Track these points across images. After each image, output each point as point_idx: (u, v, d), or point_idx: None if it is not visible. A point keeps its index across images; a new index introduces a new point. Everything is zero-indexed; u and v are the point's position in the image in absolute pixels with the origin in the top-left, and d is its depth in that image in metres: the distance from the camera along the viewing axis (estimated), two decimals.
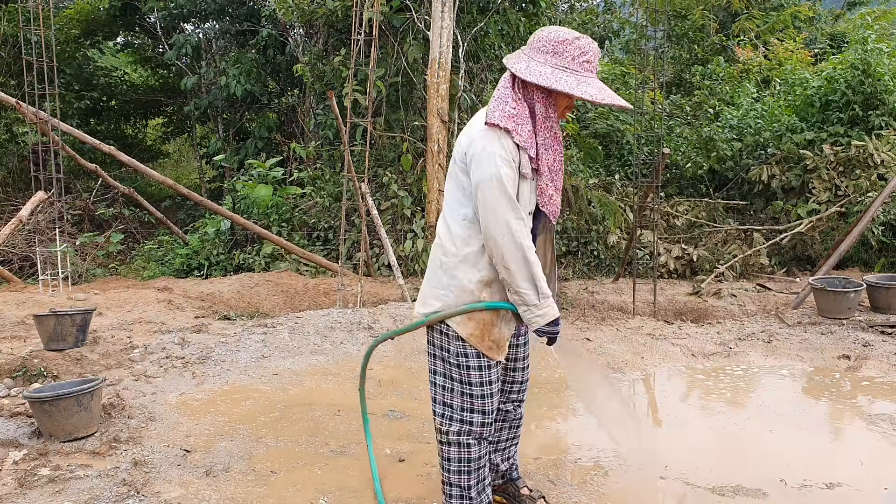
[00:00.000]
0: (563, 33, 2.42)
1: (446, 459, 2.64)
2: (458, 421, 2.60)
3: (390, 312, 6.03)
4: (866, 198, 8.17)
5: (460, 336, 2.54)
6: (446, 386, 2.62)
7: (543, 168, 2.48)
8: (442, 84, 8.22)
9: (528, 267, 2.38)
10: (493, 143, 2.39)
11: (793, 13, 12.78)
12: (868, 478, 3.45)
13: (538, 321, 2.43)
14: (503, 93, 2.47)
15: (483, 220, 2.40)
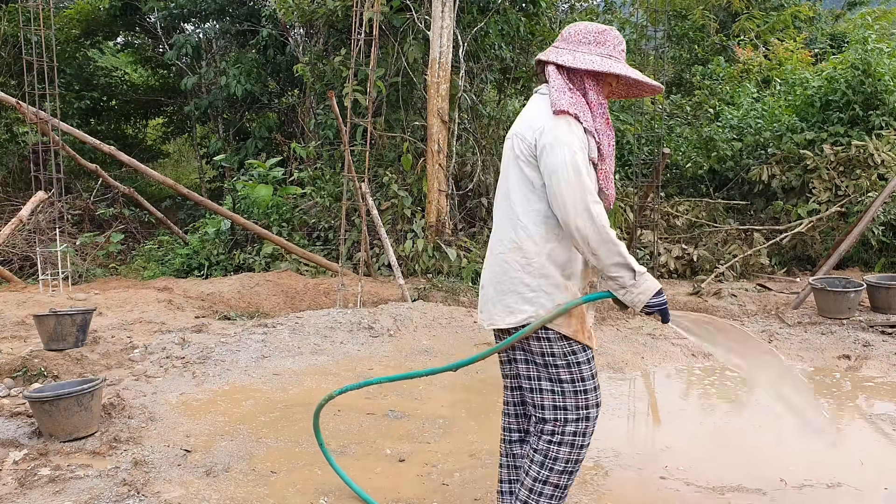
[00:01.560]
0: (599, 25, 2.51)
1: (552, 459, 2.50)
2: (575, 420, 2.49)
3: (390, 312, 6.03)
4: (866, 198, 8.17)
5: (564, 335, 2.45)
6: (556, 390, 2.50)
7: (605, 152, 2.49)
8: (442, 84, 8.22)
9: (615, 248, 2.30)
10: (565, 130, 2.37)
11: (793, 13, 12.77)
12: (868, 478, 3.45)
13: (641, 299, 2.32)
14: (559, 83, 2.46)
15: (561, 209, 2.33)
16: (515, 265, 2.48)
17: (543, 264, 2.44)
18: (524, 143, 2.45)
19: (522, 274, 2.47)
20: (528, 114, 2.53)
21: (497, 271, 2.53)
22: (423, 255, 8.13)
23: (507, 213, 2.53)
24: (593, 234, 2.29)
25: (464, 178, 9.11)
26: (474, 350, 5.40)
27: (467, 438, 3.85)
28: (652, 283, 2.33)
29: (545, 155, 2.37)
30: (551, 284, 2.44)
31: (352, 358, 5.18)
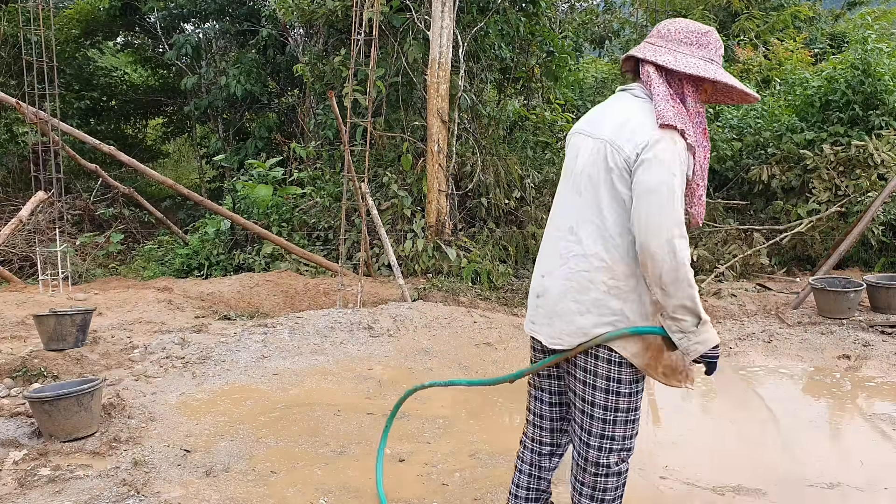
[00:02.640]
0: (701, 25, 2.29)
1: (601, 491, 2.39)
2: (619, 450, 2.35)
3: (390, 312, 6.03)
4: (866, 198, 8.17)
5: (633, 364, 2.27)
6: (608, 418, 2.32)
7: (697, 166, 2.27)
8: (442, 84, 8.22)
9: (687, 289, 2.12)
10: (670, 148, 2.15)
11: (793, 13, 12.78)
12: (868, 478, 3.45)
13: (697, 349, 2.16)
14: (664, 90, 2.23)
15: (642, 232, 2.13)
16: (601, 286, 2.25)
17: (633, 289, 2.24)
18: (621, 155, 2.21)
19: (608, 297, 2.25)
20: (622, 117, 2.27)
21: (575, 289, 2.29)
22: (423, 255, 8.13)
23: (597, 228, 2.27)
24: (669, 269, 2.11)
25: (464, 178, 9.11)
26: (474, 350, 5.40)
27: (467, 438, 3.85)
28: (713, 334, 2.18)
29: (642, 170, 2.16)
30: (637, 312, 2.25)
31: (352, 358, 5.18)
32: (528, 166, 9.50)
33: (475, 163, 9.04)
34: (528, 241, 8.85)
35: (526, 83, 10.49)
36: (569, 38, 11.58)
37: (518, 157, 9.50)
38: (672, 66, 2.22)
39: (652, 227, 2.11)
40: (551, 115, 10.20)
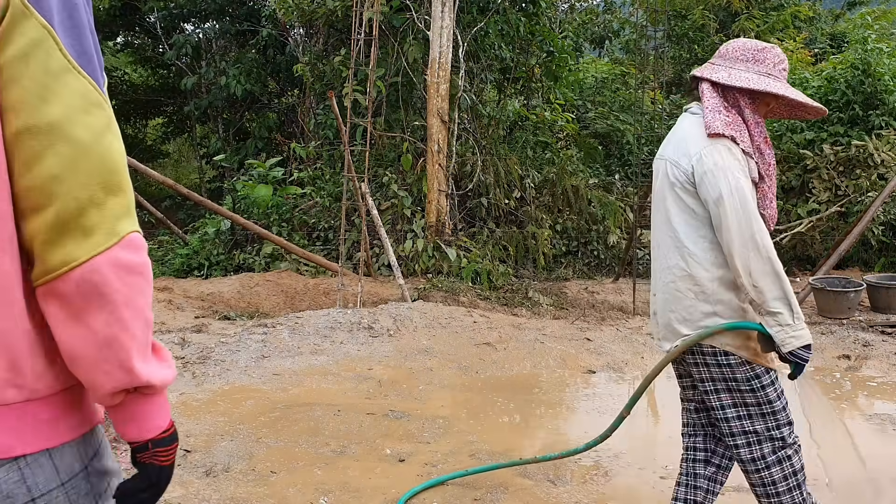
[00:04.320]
0: (759, 43, 2.44)
1: (771, 484, 2.45)
2: (769, 439, 2.43)
3: (390, 312, 6.03)
4: (866, 198, 8.17)
5: (746, 360, 2.38)
6: (742, 414, 2.42)
7: (765, 172, 2.40)
8: (442, 84, 8.22)
9: (779, 282, 2.23)
10: (724, 155, 2.28)
11: (793, 13, 12.78)
12: (868, 478, 3.45)
13: (792, 342, 2.26)
14: (714, 103, 2.38)
15: (726, 239, 2.24)
16: (689, 293, 2.39)
17: (717, 290, 2.36)
18: (679, 169, 2.36)
19: (697, 301, 2.38)
20: (679, 135, 2.45)
21: (669, 299, 2.45)
22: (423, 255, 8.13)
23: (671, 240, 2.42)
24: (756, 265, 2.22)
25: (464, 178, 9.12)
26: (474, 350, 5.40)
27: (467, 438, 3.85)
28: (807, 332, 2.27)
29: (706, 183, 2.28)
30: (729, 309, 2.36)
31: (352, 358, 5.18)
32: (528, 166, 9.50)
33: (475, 163, 9.04)
34: (528, 241, 8.85)
35: (526, 83, 10.49)
36: (569, 38, 11.57)
37: (518, 157, 9.50)
38: (724, 81, 2.37)
39: (732, 231, 2.22)
40: (551, 115, 10.21)
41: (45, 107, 0.93)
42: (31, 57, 0.92)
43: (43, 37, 0.93)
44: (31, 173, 0.93)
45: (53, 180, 0.93)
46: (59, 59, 0.94)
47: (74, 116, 0.95)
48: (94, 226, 0.95)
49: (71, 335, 0.98)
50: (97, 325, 0.97)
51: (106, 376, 1.00)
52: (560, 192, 9.21)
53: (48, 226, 0.94)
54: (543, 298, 7.38)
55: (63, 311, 0.97)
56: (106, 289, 0.97)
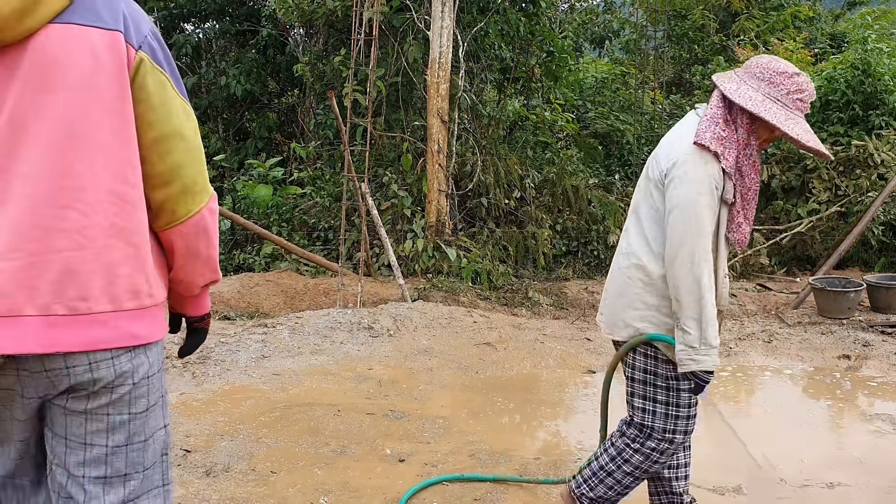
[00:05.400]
0: (784, 65, 2.37)
1: (623, 461, 2.57)
2: (658, 439, 2.52)
3: (390, 312, 6.03)
4: (866, 198, 8.17)
5: (671, 360, 2.45)
6: (647, 408, 2.53)
7: (742, 197, 2.39)
8: (442, 84, 8.22)
9: (699, 307, 2.28)
10: (699, 167, 2.30)
11: (793, 13, 12.78)
12: (868, 478, 3.45)
13: (689, 364, 2.32)
14: (715, 112, 2.38)
15: (668, 244, 2.33)
16: (638, 282, 2.46)
17: (664, 287, 2.41)
18: (658, 168, 2.42)
19: (643, 292, 2.45)
20: (675, 134, 2.47)
21: (620, 285, 2.53)
22: (423, 255, 8.12)
23: (636, 228, 2.50)
24: (685, 282, 2.28)
25: (464, 178, 9.11)
26: (474, 350, 5.40)
27: (467, 438, 3.85)
28: (711, 361, 2.32)
29: (672, 187, 2.33)
30: (669, 306, 2.42)
31: (352, 358, 5.18)
32: (528, 166, 9.50)
33: (475, 163, 9.04)
34: (528, 241, 8.85)
35: (526, 83, 10.49)
36: (569, 38, 11.57)
37: (518, 157, 9.50)
38: (727, 93, 2.35)
39: (675, 240, 2.30)
40: (551, 115, 10.20)
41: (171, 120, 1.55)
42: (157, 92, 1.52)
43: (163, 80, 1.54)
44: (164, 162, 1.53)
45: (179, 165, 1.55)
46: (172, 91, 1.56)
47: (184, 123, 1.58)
48: (200, 190, 1.59)
49: (186, 255, 1.62)
50: (202, 247, 1.64)
51: (202, 277, 1.69)
52: (560, 192, 9.21)
53: (177, 193, 1.55)
54: (543, 298, 7.38)
55: (184, 241, 1.60)
56: (206, 225, 1.62)
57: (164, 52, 1.56)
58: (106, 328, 1.45)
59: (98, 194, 1.44)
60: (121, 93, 1.45)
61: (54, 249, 1.40)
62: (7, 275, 1.37)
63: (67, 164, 1.41)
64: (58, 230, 1.40)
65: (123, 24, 1.45)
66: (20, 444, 1.54)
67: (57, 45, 1.38)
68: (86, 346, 1.42)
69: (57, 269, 1.40)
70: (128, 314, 1.48)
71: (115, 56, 1.43)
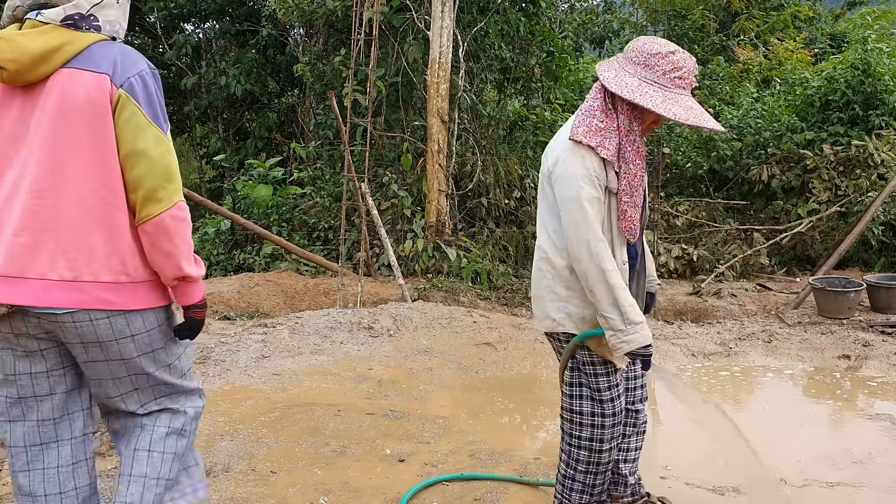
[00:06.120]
0: (658, 45, 2.34)
1: (574, 460, 2.64)
2: (590, 426, 2.58)
3: (390, 312, 6.03)
4: (866, 198, 8.17)
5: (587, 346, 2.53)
6: (574, 394, 2.61)
7: (626, 185, 2.39)
8: (442, 84, 8.22)
9: (610, 291, 2.33)
10: (576, 163, 2.34)
11: (793, 13, 12.78)
12: (868, 478, 3.45)
13: (623, 346, 2.37)
14: (591, 105, 2.41)
15: (568, 241, 2.39)
16: (548, 274, 2.54)
17: (570, 277, 2.48)
18: (546, 164, 2.48)
19: (553, 283, 2.53)
20: (561, 130, 2.52)
21: (535, 276, 2.63)
22: (423, 255, 8.13)
23: (540, 222, 2.58)
24: (590, 271, 2.33)
25: (464, 178, 9.12)
26: (474, 350, 5.40)
27: (467, 438, 3.85)
28: (641, 336, 2.35)
29: (557, 185, 2.40)
30: (579, 297, 2.49)
31: (352, 358, 5.18)
32: (528, 166, 9.50)
33: (475, 163, 9.04)
34: (528, 240, 8.85)
35: (526, 83, 10.49)
36: (569, 38, 11.57)
37: (518, 157, 9.50)
38: (605, 82, 2.35)
39: (569, 234, 2.37)
40: (551, 115, 10.20)
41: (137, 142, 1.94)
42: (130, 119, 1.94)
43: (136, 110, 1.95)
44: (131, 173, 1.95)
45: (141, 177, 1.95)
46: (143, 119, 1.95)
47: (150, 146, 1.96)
48: (161, 198, 1.96)
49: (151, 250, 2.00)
50: (163, 245, 1.99)
51: (168, 271, 2.03)
52: None
53: (141, 198, 1.96)
54: None
55: (147, 238, 1.99)
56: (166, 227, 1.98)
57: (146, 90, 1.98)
58: (84, 293, 1.93)
59: (83, 192, 1.93)
60: (103, 118, 1.93)
61: (50, 231, 1.91)
62: (18, 247, 1.90)
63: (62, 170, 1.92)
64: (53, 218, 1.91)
65: (112, 69, 1.94)
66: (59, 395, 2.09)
67: (62, 84, 1.92)
68: (69, 304, 1.92)
69: (51, 247, 1.91)
70: (104, 285, 1.95)
71: (101, 92, 1.93)
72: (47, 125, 1.91)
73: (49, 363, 2.04)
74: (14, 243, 1.89)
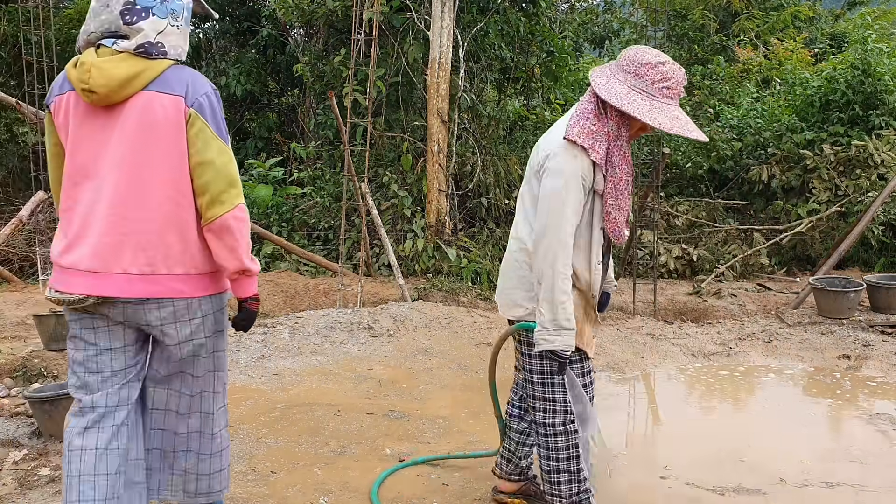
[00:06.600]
0: (649, 56, 2.42)
1: (554, 450, 2.69)
2: (563, 412, 2.65)
3: (390, 312, 6.03)
4: (866, 198, 8.17)
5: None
6: (546, 381, 2.66)
7: (613, 188, 2.49)
8: (442, 84, 8.22)
9: (552, 292, 2.42)
10: (568, 161, 2.43)
11: (793, 13, 12.77)
12: (868, 478, 3.45)
13: (542, 344, 2.48)
14: (586, 107, 2.49)
15: (536, 228, 2.48)
16: (524, 265, 2.61)
17: None
18: (536, 158, 2.57)
19: (528, 274, 2.59)
20: (556, 127, 2.59)
21: (508, 266, 2.71)
22: (423, 255, 8.12)
23: (523, 214, 2.64)
24: (544, 267, 2.43)
25: (464, 178, 9.11)
26: (474, 350, 5.40)
27: (467, 439, 3.85)
28: (562, 342, 2.45)
29: (545, 177, 2.48)
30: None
31: (352, 358, 5.18)
32: None
33: (475, 163, 9.04)
34: None
35: (526, 83, 10.49)
36: (569, 38, 11.57)
37: (518, 157, 9.49)
38: (596, 89, 2.45)
39: (540, 227, 2.45)
40: (551, 115, 10.20)
41: (205, 153, 2.26)
42: (199, 134, 2.26)
43: (203, 126, 2.27)
44: (200, 180, 2.27)
45: (208, 183, 2.26)
46: (210, 133, 2.27)
47: (216, 157, 2.27)
48: (224, 200, 2.26)
49: (216, 246, 2.31)
50: (227, 241, 2.30)
51: (230, 265, 2.34)
52: None
53: (207, 201, 2.27)
54: None
55: (213, 236, 2.30)
56: (229, 226, 2.28)
57: (212, 108, 2.31)
58: (160, 284, 2.26)
59: (160, 198, 2.24)
60: (178, 134, 2.25)
61: (132, 232, 2.22)
62: (104, 246, 2.22)
63: (142, 179, 2.23)
64: (134, 221, 2.23)
65: (185, 91, 2.27)
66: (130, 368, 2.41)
67: (142, 105, 2.23)
68: (147, 294, 2.25)
69: (133, 245, 2.23)
70: (177, 277, 2.29)
71: (177, 112, 2.25)
72: (129, 140, 2.22)
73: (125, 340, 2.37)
74: (101, 243, 2.21)
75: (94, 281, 2.22)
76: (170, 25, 2.35)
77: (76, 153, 2.26)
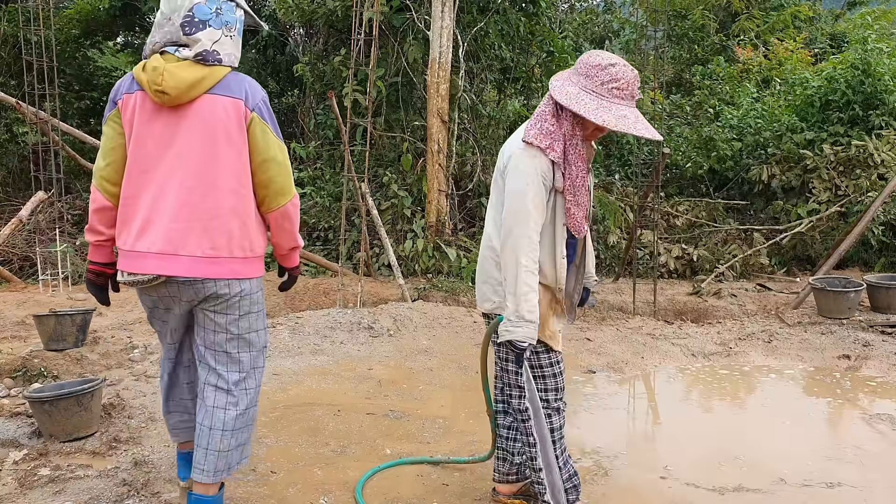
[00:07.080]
0: (600, 58, 2.52)
1: (541, 440, 2.77)
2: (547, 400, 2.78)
3: (390, 312, 6.03)
4: (866, 198, 8.17)
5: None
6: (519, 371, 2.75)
7: (570, 186, 2.60)
8: (442, 84, 8.22)
9: (516, 285, 2.52)
10: (526, 162, 2.55)
11: (793, 13, 12.78)
12: (868, 478, 3.45)
13: (504, 334, 2.58)
14: (543, 110, 2.60)
15: (502, 228, 2.60)
16: (491, 261, 2.74)
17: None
18: (501, 160, 2.69)
19: (494, 269, 2.73)
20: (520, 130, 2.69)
21: (480, 261, 2.85)
22: (423, 255, 8.12)
23: (491, 213, 2.77)
24: (509, 261, 2.54)
25: (464, 178, 9.11)
26: (474, 350, 5.40)
27: (467, 439, 3.85)
28: (523, 333, 2.53)
29: (507, 178, 2.60)
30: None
31: (352, 358, 5.18)
32: None
33: (475, 163, 9.04)
34: None
35: (526, 83, 10.49)
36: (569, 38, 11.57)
37: None
38: (551, 90, 2.57)
39: (505, 224, 2.57)
40: None
41: (269, 151, 2.56)
42: (262, 135, 2.55)
43: (265, 127, 2.56)
44: (265, 175, 2.58)
45: (273, 177, 2.58)
46: (270, 134, 2.57)
47: (278, 154, 2.59)
48: (286, 192, 2.61)
49: (277, 228, 2.70)
50: (286, 225, 2.70)
51: (287, 242, 2.77)
52: None
53: (272, 193, 2.60)
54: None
55: (275, 222, 2.67)
56: (289, 213, 2.66)
57: (269, 111, 2.60)
58: (223, 266, 2.54)
59: (224, 190, 2.51)
60: (239, 134, 2.52)
61: (198, 220, 2.49)
62: (174, 232, 2.47)
63: (207, 172, 2.49)
64: (201, 209, 2.49)
65: (245, 95, 2.54)
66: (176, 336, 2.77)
67: (206, 106, 2.49)
68: (212, 275, 2.52)
69: (199, 231, 2.49)
70: (236, 259, 2.57)
71: (237, 113, 2.52)
72: (195, 137, 2.47)
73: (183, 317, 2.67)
74: (171, 229, 2.47)
75: (163, 262, 2.47)
76: (224, 36, 2.55)
77: (141, 147, 2.49)
